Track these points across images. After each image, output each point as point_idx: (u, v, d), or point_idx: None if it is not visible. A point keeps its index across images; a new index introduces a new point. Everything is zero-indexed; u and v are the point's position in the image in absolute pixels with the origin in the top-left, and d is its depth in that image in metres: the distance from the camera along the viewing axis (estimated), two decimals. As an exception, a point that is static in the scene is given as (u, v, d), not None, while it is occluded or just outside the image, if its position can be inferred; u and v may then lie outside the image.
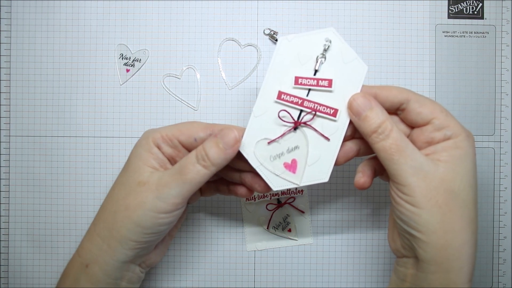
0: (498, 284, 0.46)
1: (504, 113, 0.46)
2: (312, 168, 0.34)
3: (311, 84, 0.34)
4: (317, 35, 0.34)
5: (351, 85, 0.34)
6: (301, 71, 0.34)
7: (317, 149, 0.34)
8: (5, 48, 0.45)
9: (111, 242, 0.33)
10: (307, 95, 0.34)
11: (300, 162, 0.34)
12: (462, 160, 0.31)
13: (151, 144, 0.34)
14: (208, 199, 0.45)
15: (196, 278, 0.45)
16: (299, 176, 0.34)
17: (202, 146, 0.33)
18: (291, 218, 0.45)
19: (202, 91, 0.45)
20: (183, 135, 0.35)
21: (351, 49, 0.34)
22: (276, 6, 0.45)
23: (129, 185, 0.34)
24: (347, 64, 0.34)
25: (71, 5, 0.45)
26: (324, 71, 0.34)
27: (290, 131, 0.34)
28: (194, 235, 0.45)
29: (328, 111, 0.34)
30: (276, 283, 0.45)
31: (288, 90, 0.34)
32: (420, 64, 0.46)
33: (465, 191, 0.31)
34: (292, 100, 0.34)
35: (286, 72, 0.34)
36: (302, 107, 0.34)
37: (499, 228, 0.46)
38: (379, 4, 0.45)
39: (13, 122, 0.45)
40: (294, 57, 0.34)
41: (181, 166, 0.33)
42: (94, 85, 0.45)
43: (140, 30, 0.45)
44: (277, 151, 0.34)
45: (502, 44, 0.46)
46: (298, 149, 0.34)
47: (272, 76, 0.34)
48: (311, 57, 0.34)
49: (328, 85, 0.34)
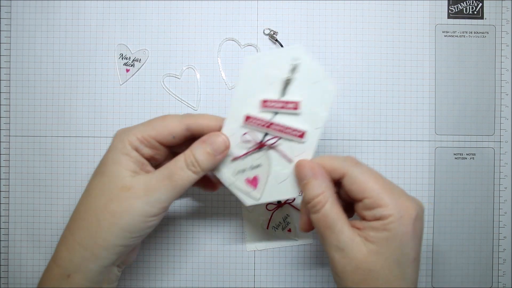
0: (498, 284, 0.46)
1: (504, 113, 0.46)
2: (282, 185, 0.35)
3: (278, 107, 0.34)
4: (285, 53, 0.33)
5: (320, 105, 0.33)
6: (268, 93, 0.34)
7: (287, 168, 0.34)
8: (5, 48, 0.45)
9: (95, 250, 0.32)
10: (274, 117, 0.34)
11: (261, 179, 0.35)
12: (389, 242, 0.31)
13: (129, 147, 0.33)
14: (208, 199, 0.45)
15: (196, 278, 0.45)
16: (259, 192, 0.35)
17: (191, 152, 0.33)
18: (291, 218, 0.45)
19: (202, 91, 0.45)
20: (160, 134, 0.34)
21: (320, 68, 0.33)
22: (276, 6, 0.45)
23: (110, 191, 0.32)
24: (316, 83, 0.33)
25: (71, 5, 0.45)
26: (292, 91, 0.33)
27: (254, 151, 0.35)
28: (194, 235, 0.45)
29: (295, 133, 0.34)
30: (276, 283, 0.45)
31: (255, 114, 0.34)
32: (420, 64, 0.46)
33: (388, 269, 0.31)
34: (259, 123, 0.34)
35: (253, 93, 0.34)
36: (268, 129, 0.34)
37: (499, 228, 0.46)
38: (379, 4, 0.45)
39: (13, 122, 0.45)
40: (261, 77, 0.33)
41: (171, 171, 0.33)
42: (94, 85, 0.45)
43: (140, 30, 0.45)
44: (241, 167, 0.35)
45: (502, 44, 0.46)
46: (260, 167, 0.35)
47: (239, 98, 0.34)
48: (278, 77, 0.33)
49: (295, 108, 0.33)
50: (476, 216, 0.46)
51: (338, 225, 0.31)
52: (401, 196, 0.32)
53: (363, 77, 0.45)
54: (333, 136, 0.45)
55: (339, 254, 0.31)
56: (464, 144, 0.46)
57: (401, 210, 0.31)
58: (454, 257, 0.46)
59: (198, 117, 0.34)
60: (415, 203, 0.32)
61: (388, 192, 0.31)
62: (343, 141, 0.45)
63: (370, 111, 0.45)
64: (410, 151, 0.46)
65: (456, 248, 0.46)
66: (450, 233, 0.46)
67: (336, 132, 0.45)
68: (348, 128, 0.45)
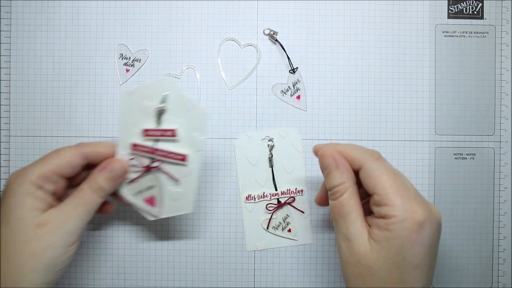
0: (498, 284, 0.46)
1: (504, 113, 0.46)
2: (178, 202, 0.39)
3: (158, 135, 0.37)
4: (156, 86, 0.37)
5: (196, 130, 0.37)
6: (147, 123, 0.37)
7: (178, 187, 0.38)
8: (5, 48, 0.45)
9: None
10: (156, 143, 0.37)
11: (157, 198, 0.39)
12: (389, 243, 0.31)
13: (32, 187, 0.34)
14: (208, 200, 0.45)
15: (196, 278, 0.45)
16: (158, 209, 0.39)
17: (95, 179, 0.36)
18: (291, 218, 0.45)
19: (202, 91, 0.45)
20: (60, 167, 0.35)
21: (189, 98, 0.37)
22: (276, 6, 0.45)
23: (23, 233, 0.33)
24: (188, 112, 0.37)
25: (71, 5, 0.45)
26: (169, 120, 0.37)
27: (143, 174, 0.38)
28: (194, 235, 0.45)
29: (177, 157, 0.37)
30: (276, 283, 0.45)
31: (140, 141, 0.37)
32: (420, 64, 0.46)
33: (387, 271, 0.31)
34: (144, 149, 0.37)
35: (135, 124, 0.37)
36: (153, 155, 0.37)
37: (499, 228, 0.46)
38: (379, 4, 0.45)
39: (13, 122, 0.45)
40: (138, 110, 0.37)
41: (80, 199, 0.35)
42: (94, 85, 0.45)
43: (140, 30, 0.45)
44: (137, 188, 0.39)
45: (502, 44, 0.46)
46: (154, 188, 0.39)
47: (123, 129, 0.37)
48: (153, 109, 0.37)
49: (172, 135, 0.37)
50: (476, 216, 0.46)
51: (351, 216, 0.32)
52: (412, 200, 0.31)
53: (363, 77, 0.45)
54: (333, 136, 0.45)
55: (346, 244, 0.32)
56: (464, 144, 0.46)
57: (406, 213, 0.30)
58: (454, 257, 0.46)
59: (93, 145, 0.37)
60: (426, 209, 0.31)
61: (398, 193, 0.31)
62: (343, 141, 0.45)
63: (370, 111, 0.45)
64: (410, 151, 0.46)
65: (456, 248, 0.46)
66: (450, 233, 0.46)
67: (336, 132, 0.45)
68: (348, 128, 0.45)
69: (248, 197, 0.45)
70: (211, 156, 0.45)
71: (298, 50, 0.45)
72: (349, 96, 0.45)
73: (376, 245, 0.31)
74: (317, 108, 0.45)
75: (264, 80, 0.45)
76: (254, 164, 0.45)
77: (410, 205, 0.31)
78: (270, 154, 0.45)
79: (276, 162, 0.45)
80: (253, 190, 0.45)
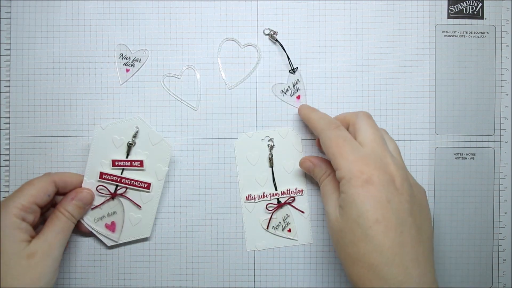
0: (498, 284, 0.46)
1: (504, 113, 0.46)
2: (137, 227, 0.43)
3: (126, 165, 0.43)
4: (127, 122, 0.43)
5: (160, 162, 0.43)
6: (117, 154, 0.43)
7: (139, 213, 0.43)
8: (5, 48, 0.45)
9: None
10: (122, 173, 0.43)
11: (118, 224, 0.43)
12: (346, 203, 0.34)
13: (18, 220, 0.36)
14: (208, 199, 0.45)
15: (196, 278, 0.45)
16: (118, 235, 0.43)
17: (65, 208, 0.39)
18: (291, 218, 0.45)
19: (202, 91, 0.45)
20: (38, 198, 0.38)
21: (156, 133, 0.43)
22: (276, 6, 0.45)
23: (18, 265, 0.35)
24: (155, 145, 0.43)
25: (71, 5, 0.45)
26: (136, 152, 0.43)
27: (108, 200, 0.43)
28: (194, 235, 0.45)
29: (142, 185, 0.43)
30: (276, 283, 0.45)
31: (107, 171, 0.43)
32: (420, 64, 0.46)
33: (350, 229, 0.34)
34: (111, 178, 0.42)
35: (105, 155, 0.43)
36: (119, 183, 0.43)
37: (499, 228, 0.46)
38: (379, 4, 0.45)
39: (13, 122, 0.45)
40: (109, 142, 0.43)
41: (57, 226, 0.38)
42: (94, 85, 0.45)
43: (140, 30, 0.45)
44: (100, 214, 0.43)
45: (502, 44, 0.46)
46: (116, 214, 0.43)
47: (94, 159, 0.43)
48: (124, 142, 0.43)
49: (140, 165, 0.43)
50: (476, 216, 0.46)
51: (329, 193, 0.38)
52: (359, 160, 0.34)
53: (363, 77, 0.45)
54: (333, 136, 0.45)
55: (327, 218, 0.37)
56: (464, 144, 0.46)
57: (351, 173, 0.34)
58: (454, 257, 0.46)
59: (61, 174, 0.41)
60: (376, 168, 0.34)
61: (344, 156, 0.35)
62: (343, 141, 0.45)
63: (369, 111, 0.45)
64: (410, 151, 0.46)
65: (456, 248, 0.46)
66: (450, 233, 0.46)
67: (336, 132, 0.45)
68: (348, 128, 0.45)
69: (248, 197, 0.45)
70: (211, 156, 0.45)
71: (298, 50, 0.45)
72: (349, 96, 0.45)
73: (340, 210, 0.35)
74: (317, 108, 0.45)
75: (264, 80, 0.45)
76: (254, 164, 0.45)
77: (356, 166, 0.34)
78: (270, 154, 0.45)
79: (276, 162, 0.45)
80: (253, 190, 0.45)
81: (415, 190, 0.36)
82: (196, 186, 0.45)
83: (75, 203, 0.40)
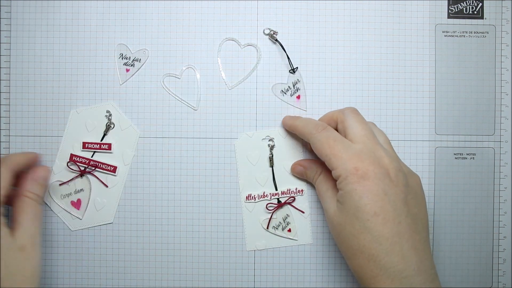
0: (498, 284, 0.46)
1: (504, 113, 0.46)
2: (100, 212, 0.44)
3: (95, 148, 0.44)
4: (100, 108, 0.44)
5: (127, 147, 0.44)
6: (88, 137, 0.44)
7: (103, 198, 0.44)
8: (5, 48, 0.45)
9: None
10: (93, 156, 0.44)
11: (84, 201, 0.44)
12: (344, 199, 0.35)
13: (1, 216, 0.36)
14: (208, 199, 0.45)
15: (196, 278, 0.45)
16: (82, 212, 0.44)
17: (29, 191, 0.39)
18: (291, 218, 0.45)
19: (202, 91, 0.45)
20: (5, 187, 0.37)
21: (126, 118, 0.44)
22: (276, 6, 0.45)
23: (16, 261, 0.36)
24: (124, 130, 0.44)
25: (71, 5, 0.45)
26: (107, 137, 0.44)
27: (77, 177, 0.44)
28: (194, 235, 0.45)
29: (108, 168, 0.44)
30: (276, 283, 0.45)
31: (78, 153, 0.44)
32: (420, 64, 0.46)
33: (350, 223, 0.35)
34: (81, 160, 0.44)
35: (77, 138, 0.44)
36: (88, 165, 0.44)
37: (499, 228, 0.46)
38: (379, 4, 0.45)
39: (13, 122, 0.45)
40: (83, 126, 0.44)
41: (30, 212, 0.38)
42: (94, 85, 0.45)
43: (140, 30, 0.45)
44: (66, 191, 0.44)
45: (502, 44, 0.46)
46: (83, 191, 0.44)
47: (66, 141, 0.44)
48: (96, 126, 0.44)
49: (108, 148, 0.44)
50: (476, 216, 0.46)
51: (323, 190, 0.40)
52: (353, 158, 0.35)
53: (363, 77, 0.45)
54: (333, 136, 0.45)
55: (325, 214, 0.39)
56: (464, 144, 0.46)
57: (347, 171, 0.35)
58: (454, 257, 0.46)
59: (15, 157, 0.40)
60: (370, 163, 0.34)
61: (338, 156, 0.36)
62: (343, 141, 0.45)
63: (370, 111, 0.45)
64: (410, 151, 0.46)
65: (456, 248, 0.46)
66: (450, 233, 0.46)
67: (336, 132, 0.45)
68: (348, 128, 0.45)
69: (248, 197, 0.45)
70: (211, 156, 0.45)
71: (298, 50, 0.45)
72: (349, 96, 0.45)
73: (339, 205, 0.36)
74: (317, 108, 0.45)
75: (264, 80, 0.45)
76: (254, 164, 0.45)
77: (351, 163, 0.35)
78: (270, 153, 0.45)
79: (277, 162, 0.45)
80: (253, 189, 0.45)
81: (409, 179, 0.37)
82: (196, 186, 0.45)
83: (39, 183, 0.40)
